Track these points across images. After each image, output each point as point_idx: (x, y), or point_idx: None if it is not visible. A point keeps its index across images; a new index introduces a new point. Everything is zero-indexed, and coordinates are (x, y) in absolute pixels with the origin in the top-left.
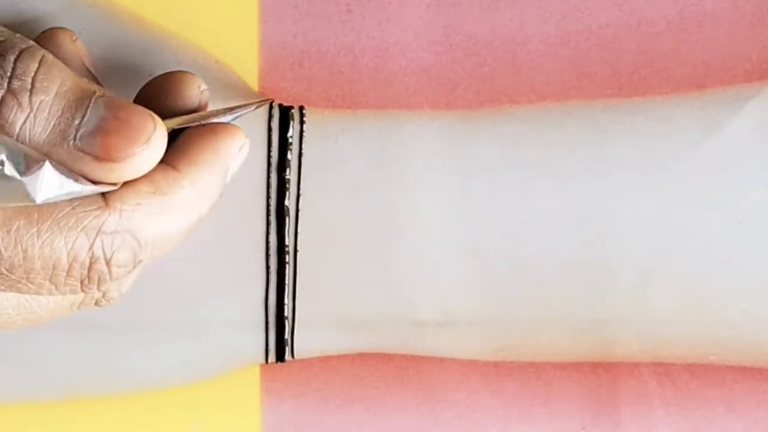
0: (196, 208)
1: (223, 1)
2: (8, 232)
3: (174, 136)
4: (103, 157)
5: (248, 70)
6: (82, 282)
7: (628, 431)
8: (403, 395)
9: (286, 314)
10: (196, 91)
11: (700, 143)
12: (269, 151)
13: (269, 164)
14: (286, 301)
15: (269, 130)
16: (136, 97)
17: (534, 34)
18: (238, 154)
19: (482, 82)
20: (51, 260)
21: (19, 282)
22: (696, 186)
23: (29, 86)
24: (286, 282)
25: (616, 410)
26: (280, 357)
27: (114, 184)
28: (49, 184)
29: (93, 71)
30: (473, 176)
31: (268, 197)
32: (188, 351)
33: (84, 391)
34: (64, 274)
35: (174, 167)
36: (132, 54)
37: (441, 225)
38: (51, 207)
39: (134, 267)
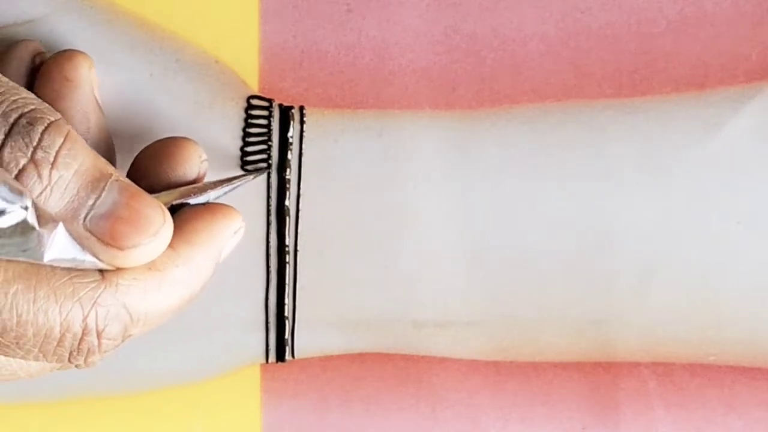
0: (189, 287)
1: (223, 1)
2: (5, 294)
3: (171, 210)
4: (110, 242)
5: (248, 70)
6: (71, 353)
7: (628, 431)
8: (403, 395)
9: (286, 314)
10: (196, 161)
11: (700, 143)
12: (269, 151)
13: (269, 164)
14: (286, 300)
15: (269, 130)
16: (136, 158)
17: (534, 34)
18: (233, 236)
19: (482, 82)
20: (44, 328)
21: (7, 346)
22: (696, 186)
23: (52, 160)
24: (286, 282)
25: (616, 410)
26: (280, 357)
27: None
28: (58, 245)
29: (101, 103)
30: (473, 176)
31: (268, 197)
32: (188, 351)
33: (84, 391)
34: (55, 343)
35: (170, 246)
36: (132, 54)
37: (441, 225)
38: (49, 274)
39: (122, 341)
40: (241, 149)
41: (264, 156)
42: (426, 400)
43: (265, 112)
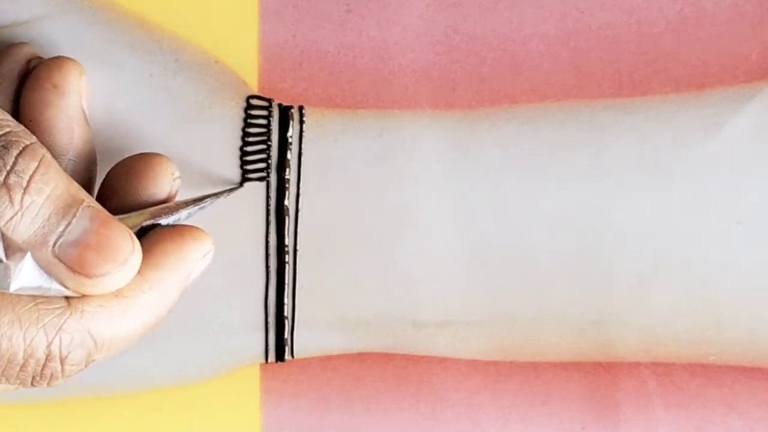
0: (155, 312)
1: (223, 1)
2: None
3: (141, 231)
4: (78, 270)
5: (248, 70)
6: (33, 377)
7: (628, 431)
8: (403, 395)
9: (285, 314)
10: (168, 179)
11: (700, 143)
12: (269, 151)
13: (269, 164)
14: (285, 300)
15: (269, 130)
16: (107, 175)
17: (534, 34)
18: (202, 260)
19: (482, 82)
20: (7, 353)
21: None
22: (696, 186)
23: (24, 184)
24: (286, 282)
25: (616, 410)
26: (280, 357)
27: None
28: (25, 274)
29: (88, 113)
30: (473, 176)
31: (268, 197)
32: (188, 351)
33: (84, 391)
34: (18, 368)
35: (138, 271)
36: (132, 54)
37: (441, 225)
38: (14, 301)
39: (86, 366)
40: (241, 149)
41: (263, 156)
42: (426, 400)
43: (264, 112)
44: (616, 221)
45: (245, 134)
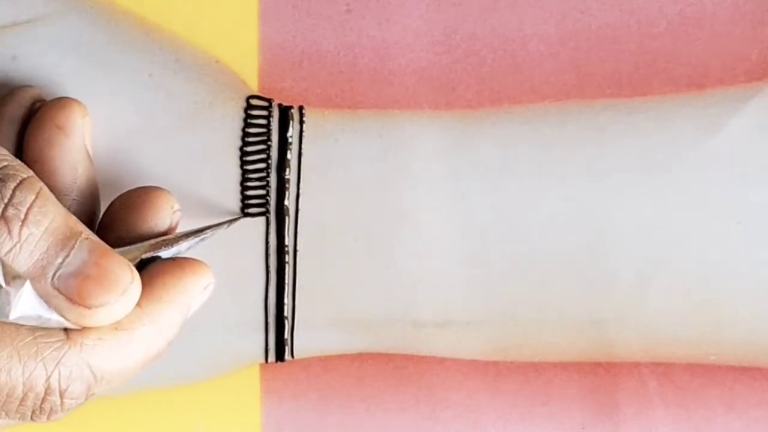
0: (155, 345)
1: (223, 1)
2: None
3: (141, 264)
4: (77, 301)
5: (248, 70)
6: (33, 411)
7: (629, 431)
8: (403, 395)
9: (285, 314)
10: (168, 212)
11: (700, 143)
12: (269, 151)
13: (269, 164)
14: (285, 300)
15: (269, 130)
16: (108, 209)
17: (534, 34)
18: (202, 293)
19: (482, 82)
20: (6, 388)
21: None
22: (696, 186)
23: (22, 217)
24: (286, 282)
25: (616, 410)
26: (279, 357)
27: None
28: (25, 303)
29: (91, 153)
30: (473, 176)
31: (268, 198)
32: (188, 351)
33: None
34: (18, 402)
35: (138, 304)
36: (132, 54)
37: (441, 225)
38: (13, 334)
39: (86, 399)
40: (241, 149)
41: (263, 156)
42: (426, 400)
43: (264, 112)
44: (616, 221)
45: (245, 134)
